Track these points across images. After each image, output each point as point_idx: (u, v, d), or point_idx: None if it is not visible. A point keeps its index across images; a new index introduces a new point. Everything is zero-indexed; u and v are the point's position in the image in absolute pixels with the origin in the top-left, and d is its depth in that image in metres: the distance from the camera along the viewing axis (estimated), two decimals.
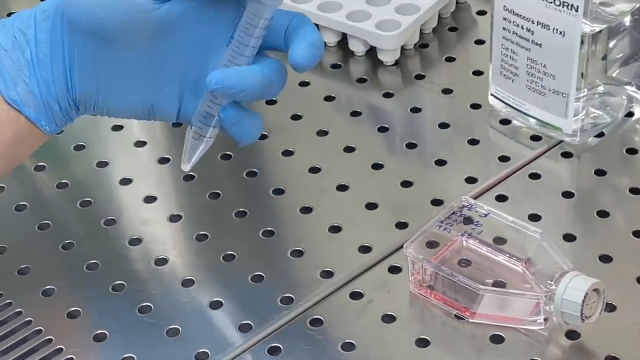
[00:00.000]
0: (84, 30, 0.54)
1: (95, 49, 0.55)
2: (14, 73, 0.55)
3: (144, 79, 0.56)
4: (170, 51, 0.55)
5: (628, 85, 0.72)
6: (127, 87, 0.56)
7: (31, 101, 0.55)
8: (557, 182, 0.69)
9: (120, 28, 0.54)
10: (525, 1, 0.67)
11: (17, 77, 0.55)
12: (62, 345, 0.60)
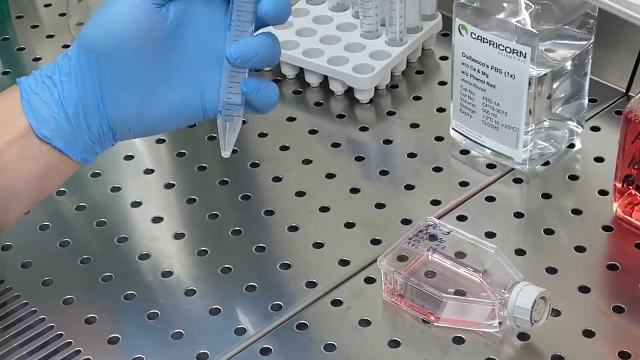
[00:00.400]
0: (105, 54, 0.54)
1: (119, 68, 0.54)
2: (45, 112, 0.55)
3: (168, 83, 0.56)
4: (183, 50, 0.55)
5: (570, 120, 0.72)
6: (156, 96, 0.56)
7: (62, 136, 0.55)
8: (509, 204, 0.69)
9: (137, 41, 0.53)
10: (480, 49, 0.67)
11: (48, 115, 0.55)
12: (80, 347, 0.60)
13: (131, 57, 0.54)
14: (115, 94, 0.55)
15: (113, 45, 0.54)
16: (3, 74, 0.84)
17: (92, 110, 0.55)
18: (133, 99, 0.55)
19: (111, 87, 0.55)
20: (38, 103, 0.55)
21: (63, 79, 0.55)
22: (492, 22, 0.66)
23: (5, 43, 0.87)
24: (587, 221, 0.67)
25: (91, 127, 0.56)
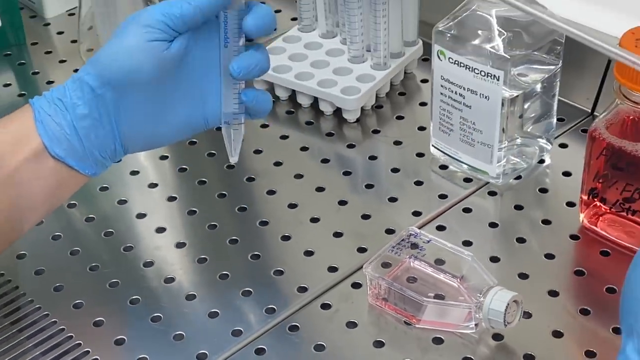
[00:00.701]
0: (119, 85, 0.54)
1: (133, 96, 0.55)
2: (58, 133, 0.55)
3: (176, 101, 0.56)
4: (188, 71, 0.56)
5: (540, 138, 0.72)
6: (165, 114, 0.56)
7: (74, 154, 0.55)
8: (484, 215, 0.69)
9: (150, 72, 0.54)
10: (458, 72, 0.67)
11: (61, 135, 0.55)
12: (89, 348, 0.60)
13: (144, 85, 0.55)
14: (129, 118, 0.56)
15: (127, 77, 0.54)
16: (19, 96, 0.84)
17: (105, 132, 0.56)
18: (145, 120, 0.56)
19: (125, 112, 0.55)
20: (51, 124, 0.55)
21: (75, 102, 0.55)
22: (468, 48, 0.66)
23: (21, 67, 0.87)
24: (555, 231, 0.67)
25: (103, 146, 0.56)
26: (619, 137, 0.62)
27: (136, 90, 0.55)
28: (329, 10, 0.83)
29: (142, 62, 0.54)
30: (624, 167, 0.62)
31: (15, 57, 0.88)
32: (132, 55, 0.54)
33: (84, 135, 0.55)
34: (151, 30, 0.54)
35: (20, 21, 0.89)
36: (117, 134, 0.56)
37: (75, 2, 0.85)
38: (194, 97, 0.57)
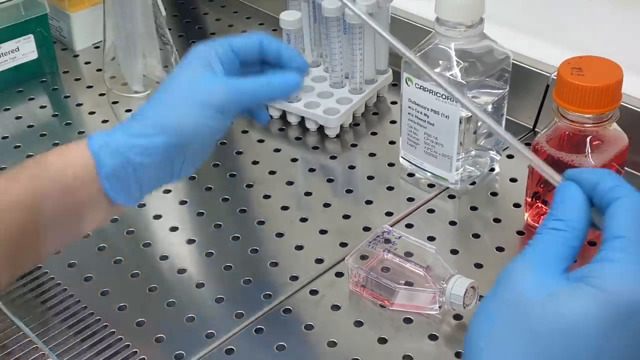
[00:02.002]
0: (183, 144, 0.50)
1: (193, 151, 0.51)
2: (121, 186, 0.50)
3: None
4: None
5: (490, 150, 0.73)
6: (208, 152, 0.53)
7: (132, 199, 0.51)
8: (445, 215, 0.70)
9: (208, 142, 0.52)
10: (422, 95, 0.67)
11: (125, 188, 0.50)
12: (114, 329, 0.59)
13: (202, 144, 0.52)
14: (185, 168, 0.52)
15: (192, 143, 0.50)
16: (53, 116, 0.84)
17: (164, 181, 0.52)
18: (196, 164, 0.53)
19: (184, 164, 0.52)
20: (117, 180, 0.49)
21: (142, 161, 0.49)
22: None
23: (54, 92, 0.87)
24: (504, 228, 0.68)
25: (157, 188, 0.53)
26: (557, 150, 0.62)
27: (199, 149, 0.52)
28: (314, 44, 0.83)
29: (214, 135, 0.52)
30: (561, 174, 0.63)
31: (50, 84, 0.88)
32: (204, 131, 0.50)
33: (146, 185, 0.51)
34: (226, 115, 0.51)
35: (54, 53, 0.89)
36: (175, 179, 0.52)
37: (100, 37, 0.84)
38: None
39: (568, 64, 0.60)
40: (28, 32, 0.85)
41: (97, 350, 0.58)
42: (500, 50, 0.68)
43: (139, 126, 0.50)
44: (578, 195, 0.35)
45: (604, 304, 0.32)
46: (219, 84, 0.50)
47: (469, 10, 0.64)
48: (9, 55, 0.85)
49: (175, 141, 0.50)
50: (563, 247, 0.34)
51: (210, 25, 0.97)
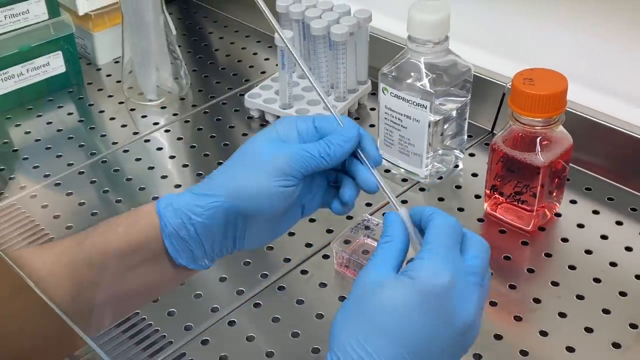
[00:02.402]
0: (245, 213, 0.45)
1: (254, 221, 0.46)
2: (183, 246, 0.46)
3: (285, 220, 0.48)
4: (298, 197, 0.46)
5: (455, 149, 0.73)
6: (276, 231, 0.49)
7: (194, 261, 0.47)
8: (416, 204, 0.67)
9: (274, 210, 0.46)
10: (397, 103, 0.68)
11: (186, 248, 0.46)
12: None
13: (269, 216, 0.46)
14: (250, 238, 0.47)
15: (258, 211, 0.45)
16: (79, 122, 0.83)
17: (228, 247, 0.47)
18: (262, 238, 0.48)
19: (248, 234, 0.47)
20: (178, 240, 0.45)
21: (205, 222, 0.45)
22: (404, 86, 0.67)
23: (80, 101, 0.87)
24: (467, 216, 0.68)
25: (222, 254, 0.48)
26: (511, 149, 0.62)
27: (261, 218, 0.46)
28: (305, 58, 0.83)
29: (275, 201, 0.45)
30: (515, 170, 0.63)
31: (76, 94, 0.87)
32: (266, 195, 0.44)
33: (209, 248, 0.46)
34: (288, 179, 0.44)
35: (79, 67, 0.88)
36: (238, 245, 0.48)
37: (119, 53, 0.84)
38: (298, 210, 0.48)
39: (521, 75, 0.60)
40: (57, 49, 0.85)
41: (117, 323, 0.58)
42: (463, 64, 0.68)
43: (203, 187, 0.46)
44: (397, 219, 0.42)
45: (414, 288, 0.39)
46: (285, 149, 0.45)
47: (436, 29, 0.65)
48: (41, 69, 0.85)
49: (234, 204, 0.45)
50: (390, 253, 0.41)
51: (215, 43, 0.97)
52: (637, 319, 0.57)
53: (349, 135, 0.45)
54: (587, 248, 0.63)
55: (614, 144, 0.69)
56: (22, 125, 0.82)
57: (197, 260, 0.47)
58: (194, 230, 0.45)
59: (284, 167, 0.44)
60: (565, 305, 0.58)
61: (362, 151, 0.46)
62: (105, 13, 0.89)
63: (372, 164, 0.46)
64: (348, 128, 0.46)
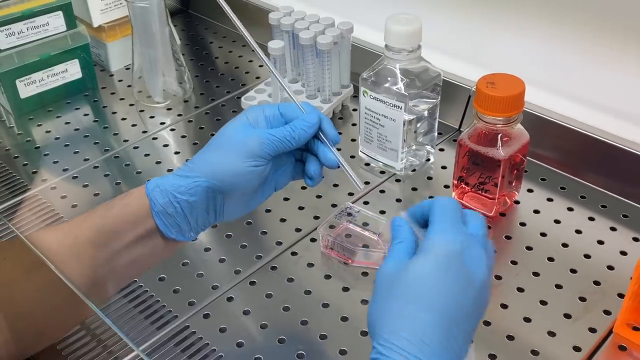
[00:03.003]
0: (223, 190, 0.47)
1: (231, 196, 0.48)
2: (172, 222, 0.47)
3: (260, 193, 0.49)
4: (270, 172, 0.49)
5: (427, 145, 0.72)
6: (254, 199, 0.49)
7: (182, 234, 0.48)
8: (393, 194, 0.69)
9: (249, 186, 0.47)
10: (375, 104, 0.67)
11: (175, 224, 0.47)
12: (141, 283, 0.58)
13: (241, 188, 0.47)
14: (229, 210, 0.48)
15: (235, 188, 0.47)
16: (94, 122, 0.82)
17: (210, 218, 0.49)
18: (239, 209, 0.49)
19: (227, 207, 0.48)
20: (166, 216, 0.47)
21: (189, 199, 0.47)
22: (382, 89, 0.66)
23: (95, 103, 0.86)
24: None
25: (205, 226, 0.49)
26: (476, 144, 0.62)
27: (237, 194, 0.48)
28: (294, 65, 0.82)
29: (248, 179, 0.46)
30: (479, 163, 0.63)
31: (91, 97, 0.87)
32: (240, 175, 0.46)
33: (193, 222, 0.48)
34: (257, 160, 0.46)
35: (94, 73, 0.87)
36: (218, 218, 0.49)
37: (130, 61, 0.84)
38: (271, 186, 0.50)
39: (484, 79, 0.60)
40: (74, 57, 0.84)
41: (128, 299, 0.58)
42: (433, 69, 0.68)
43: (185, 170, 0.47)
44: (404, 222, 0.44)
45: (433, 258, 0.39)
46: (255, 133, 0.46)
47: (409, 39, 0.64)
48: (60, 75, 0.84)
49: (213, 182, 0.46)
50: (404, 249, 0.42)
51: (215, 51, 0.96)
52: (585, 293, 0.57)
53: (311, 120, 0.47)
54: (542, 231, 0.63)
55: (566, 140, 0.69)
56: (44, 125, 0.82)
57: (184, 233, 0.48)
58: (179, 207, 0.47)
59: (254, 149, 0.46)
60: (523, 281, 0.58)
61: (322, 133, 0.48)
62: (117, 25, 0.89)
63: (332, 143, 0.48)
64: (310, 114, 0.48)
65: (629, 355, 0.52)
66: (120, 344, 0.53)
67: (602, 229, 0.63)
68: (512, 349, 0.53)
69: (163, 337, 0.54)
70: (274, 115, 0.48)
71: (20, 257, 0.47)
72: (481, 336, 0.54)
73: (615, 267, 0.59)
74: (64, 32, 0.82)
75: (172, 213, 0.47)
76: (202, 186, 0.47)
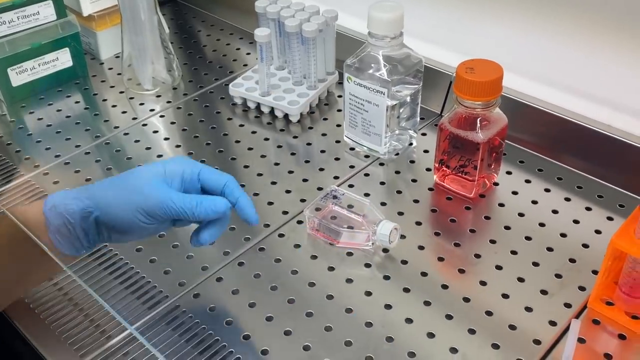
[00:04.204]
0: (117, 235, 0.49)
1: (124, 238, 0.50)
2: (64, 240, 0.48)
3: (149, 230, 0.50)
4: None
5: (410, 130, 0.73)
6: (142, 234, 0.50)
7: (74, 251, 0.49)
8: (377, 177, 0.70)
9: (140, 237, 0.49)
10: (359, 90, 0.67)
11: (67, 242, 0.48)
12: (129, 261, 0.59)
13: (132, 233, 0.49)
14: (116, 236, 0.49)
15: (126, 236, 0.49)
16: (85, 109, 0.82)
17: (102, 242, 0.50)
18: (130, 239, 0.50)
19: (113, 234, 0.49)
20: (61, 235, 0.48)
21: (79, 224, 0.48)
22: (366, 75, 0.67)
23: (86, 91, 0.85)
24: (420, 185, 0.68)
25: (100, 244, 0.51)
26: (456, 128, 0.63)
27: (127, 232, 0.49)
28: (280, 52, 0.82)
29: (137, 231, 0.48)
30: (459, 146, 0.63)
31: (82, 85, 0.86)
32: (131, 224, 0.47)
33: (86, 243, 0.49)
34: (151, 220, 0.47)
35: (85, 62, 0.87)
36: (112, 241, 0.50)
37: (119, 49, 0.83)
38: (169, 226, 0.51)
39: (463, 65, 0.61)
40: (65, 46, 0.83)
41: (120, 280, 0.58)
42: (415, 56, 0.68)
43: (82, 192, 0.47)
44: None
45: None
46: (159, 192, 0.46)
47: (392, 26, 0.64)
48: (51, 64, 0.83)
49: (104, 218, 0.47)
50: None
51: (203, 40, 0.95)
52: (561, 270, 0.58)
53: (218, 209, 0.48)
54: (520, 211, 0.64)
55: (543, 123, 0.70)
56: (35, 112, 0.81)
57: (78, 250, 0.49)
58: (73, 229, 0.47)
59: (151, 208, 0.46)
60: (501, 259, 0.59)
61: (239, 212, 0.49)
62: (107, 14, 0.88)
63: (249, 224, 0.50)
64: (221, 202, 0.48)
65: (602, 329, 0.53)
66: (113, 323, 0.54)
67: (577, 209, 0.64)
68: (490, 324, 0.53)
69: (155, 317, 0.55)
70: (191, 180, 0.48)
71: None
72: (461, 312, 0.54)
73: (590, 245, 0.60)
74: (54, 21, 0.82)
75: (65, 233, 0.47)
76: (93, 215, 0.47)
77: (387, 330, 0.53)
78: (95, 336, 0.53)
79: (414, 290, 0.56)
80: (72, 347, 0.52)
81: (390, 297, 0.56)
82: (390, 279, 0.57)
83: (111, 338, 0.53)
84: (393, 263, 0.59)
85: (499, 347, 0.52)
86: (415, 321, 0.54)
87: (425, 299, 0.56)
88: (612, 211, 0.63)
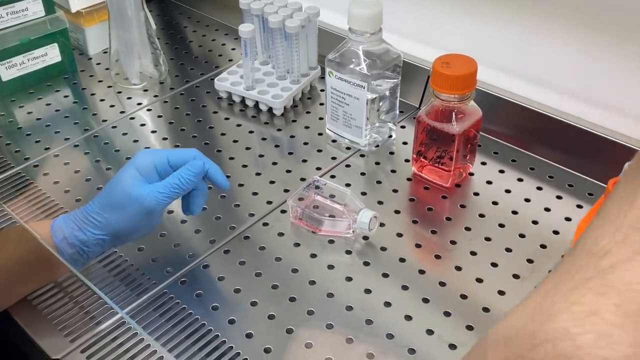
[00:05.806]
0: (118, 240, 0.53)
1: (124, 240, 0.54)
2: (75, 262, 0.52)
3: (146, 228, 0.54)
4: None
5: (389, 122, 0.73)
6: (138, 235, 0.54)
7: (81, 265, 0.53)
8: (357, 168, 0.70)
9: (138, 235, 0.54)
10: (341, 84, 0.68)
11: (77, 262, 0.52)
12: (121, 252, 0.59)
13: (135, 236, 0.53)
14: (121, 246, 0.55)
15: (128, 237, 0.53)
16: (73, 103, 0.82)
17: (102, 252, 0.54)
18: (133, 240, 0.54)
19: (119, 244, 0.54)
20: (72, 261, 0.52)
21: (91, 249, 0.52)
22: (347, 69, 0.67)
23: (74, 85, 0.85)
24: (398, 176, 0.69)
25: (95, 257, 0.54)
26: (433, 121, 0.63)
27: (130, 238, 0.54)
28: (264, 48, 0.82)
29: (143, 231, 0.53)
30: (436, 138, 0.64)
31: (71, 79, 0.86)
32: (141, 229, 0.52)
33: (93, 257, 0.54)
34: (156, 215, 0.52)
35: (73, 57, 0.86)
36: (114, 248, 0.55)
37: (107, 44, 0.83)
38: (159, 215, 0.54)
39: (439, 60, 0.61)
40: (53, 42, 0.83)
41: (109, 268, 0.58)
42: (394, 51, 0.68)
43: (89, 225, 0.51)
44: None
45: None
46: (148, 191, 0.50)
47: (371, 22, 0.65)
48: (40, 59, 0.83)
49: (112, 238, 0.52)
50: None
51: (189, 35, 0.95)
52: (532, 256, 0.59)
53: (196, 170, 0.52)
54: (494, 200, 0.65)
55: (517, 116, 0.71)
56: (25, 106, 0.81)
57: (84, 264, 0.54)
58: (86, 256, 0.52)
59: (151, 207, 0.51)
60: (475, 245, 0.60)
61: (212, 181, 0.54)
62: (95, 10, 0.87)
63: (222, 190, 0.54)
64: (195, 162, 0.52)
65: None
66: (103, 309, 0.54)
67: (549, 198, 0.65)
68: (465, 307, 0.54)
69: (143, 303, 0.55)
70: (163, 166, 0.52)
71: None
72: (437, 295, 0.55)
73: (560, 231, 0.61)
74: (43, 17, 0.81)
75: (78, 259, 0.52)
76: (104, 240, 0.52)
77: (367, 313, 0.54)
78: (85, 322, 0.53)
79: (392, 276, 0.57)
80: (63, 333, 0.52)
81: (369, 282, 0.56)
82: (370, 265, 0.58)
83: (100, 323, 0.53)
84: (373, 250, 0.59)
85: (473, 329, 0.53)
86: (393, 305, 0.55)
87: (403, 283, 0.56)
88: (582, 199, 0.65)
